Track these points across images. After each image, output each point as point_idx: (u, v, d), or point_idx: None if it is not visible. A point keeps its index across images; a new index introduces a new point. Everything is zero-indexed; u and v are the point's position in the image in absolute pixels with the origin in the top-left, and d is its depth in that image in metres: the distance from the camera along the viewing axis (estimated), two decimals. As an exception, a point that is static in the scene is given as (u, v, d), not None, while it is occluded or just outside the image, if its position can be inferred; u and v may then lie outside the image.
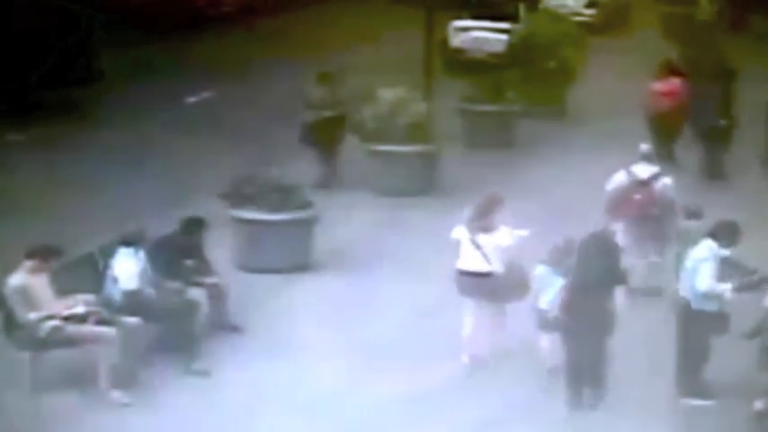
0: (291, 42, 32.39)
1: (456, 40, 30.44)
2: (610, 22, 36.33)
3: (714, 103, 20.32)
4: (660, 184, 14.72)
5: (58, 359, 11.94)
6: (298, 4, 38.08)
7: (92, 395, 11.70)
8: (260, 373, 12.45)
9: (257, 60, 29.76)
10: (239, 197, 15.39)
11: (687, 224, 13.55)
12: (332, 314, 13.97)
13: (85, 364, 11.88)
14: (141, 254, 12.58)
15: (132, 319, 12.16)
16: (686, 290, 11.87)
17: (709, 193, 17.89)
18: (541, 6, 33.50)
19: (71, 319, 11.73)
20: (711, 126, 20.22)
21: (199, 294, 13.26)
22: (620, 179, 14.84)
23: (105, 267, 12.64)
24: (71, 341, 11.76)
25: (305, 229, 15.48)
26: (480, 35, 30.09)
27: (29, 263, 11.76)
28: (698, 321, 11.80)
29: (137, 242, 12.59)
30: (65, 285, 12.08)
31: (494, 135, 22.01)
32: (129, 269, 12.39)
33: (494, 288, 12.52)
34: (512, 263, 12.56)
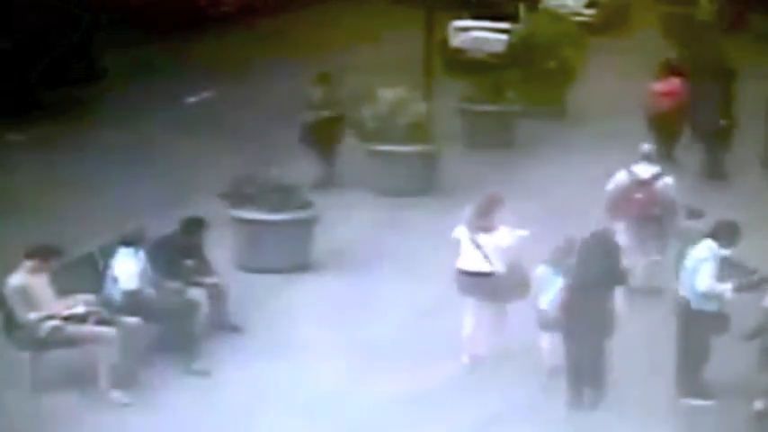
0: (291, 42, 32.38)
1: (456, 40, 30.42)
2: (610, 22, 36.33)
3: (714, 103, 20.29)
4: (661, 184, 14.72)
5: (58, 359, 11.93)
6: (298, 4, 38.07)
7: (92, 395, 11.70)
8: (260, 373, 12.45)
9: (257, 60, 29.74)
10: (239, 197, 15.39)
11: (688, 224, 13.54)
12: (332, 314, 13.97)
13: (85, 364, 11.87)
14: (141, 254, 12.58)
15: (132, 319, 12.16)
16: (686, 290, 11.86)
17: (710, 193, 17.91)
18: (541, 6, 33.49)
19: (71, 319, 11.72)
20: (711, 126, 20.20)
21: (199, 294, 13.26)
22: (621, 179, 14.83)
23: (105, 267, 12.64)
24: (71, 341, 11.76)
25: (305, 229, 15.48)
26: (480, 35, 30.07)
27: (29, 263, 11.76)
28: (698, 321, 11.80)
29: (137, 242, 12.59)
30: (65, 285, 12.08)
31: (494, 135, 22.00)
32: (129, 269, 12.39)
33: (494, 288, 12.53)
34: (512, 263, 12.56)
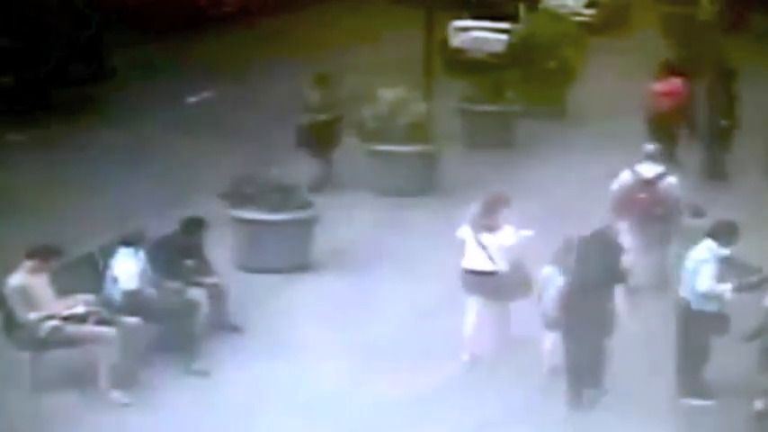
0: (291, 42, 32.37)
1: (456, 40, 30.40)
2: (610, 22, 36.30)
3: (715, 103, 20.29)
4: (665, 184, 14.70)
5: (58, 359, 11.94)
6: (298, 4, 38.06)
7: (92, 395, 11.70)
8: (260, 373, 12.45)
9: (257, 60, 29.74)
10: (239, 197, 15.39)
11: (691, 222, 13.53)
12: (332, 314, 13.96)
13: (85, 364, 11.88)
14: (141, 254, 12.58)
15: (132, 319, 12.16)
16: (686, 290, 11.86)
17: (710, 193, 17.89)
18: (541, 6, 33.44)
19: (71, 319, 11.73)
20: (712, 126, 20.20)
21: (199, 294, 13.26)
22: (625, 178, 14.83)
23: (105, 267, 12.64)
24: (71, 341, 11.76)
25: (305, 229, 15.48)
26: (480, 35, 30.06)
27: (29, 263, 11.76)
28: (698, 322, 11.80)
29: (137, 242, 12.59)
30: (65, 285, 12.08)
31: (494, 135, 22.00)
32: (129, 269, 12.39)
33: (497, 287, 12.56)
34: (515, 262, 12.58)
